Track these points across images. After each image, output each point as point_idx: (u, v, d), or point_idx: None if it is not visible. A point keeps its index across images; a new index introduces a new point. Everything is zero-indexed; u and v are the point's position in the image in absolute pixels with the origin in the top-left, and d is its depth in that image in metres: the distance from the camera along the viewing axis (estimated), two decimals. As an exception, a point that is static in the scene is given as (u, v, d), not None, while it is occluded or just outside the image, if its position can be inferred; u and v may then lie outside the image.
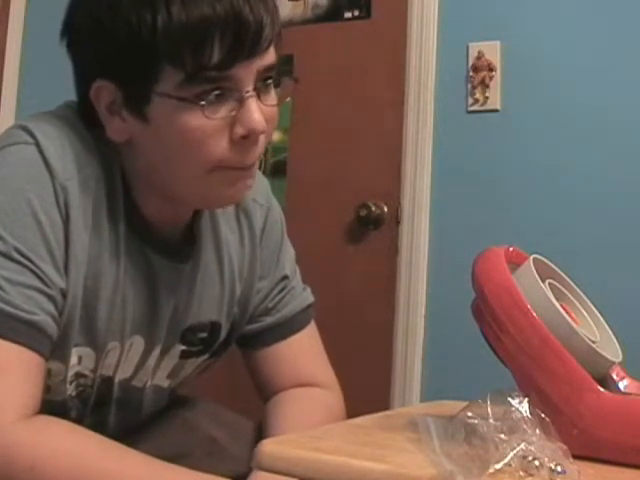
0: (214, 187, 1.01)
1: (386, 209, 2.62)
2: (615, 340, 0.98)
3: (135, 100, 0.97)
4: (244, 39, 0.95)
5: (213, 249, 1.15)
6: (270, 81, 1.01)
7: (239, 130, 0.97)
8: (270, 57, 0.99)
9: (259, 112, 0.97)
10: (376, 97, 2.66)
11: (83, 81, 1.01)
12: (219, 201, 1.08)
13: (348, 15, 2.75)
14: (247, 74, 0.97)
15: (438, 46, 2.57)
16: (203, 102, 0.95)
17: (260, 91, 0.99)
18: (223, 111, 0.96)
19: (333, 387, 1.26)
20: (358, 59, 2.71)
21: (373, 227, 2.63)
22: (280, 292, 1.24)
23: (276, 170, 2.77)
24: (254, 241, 1.21)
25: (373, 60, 2.68)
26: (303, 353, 1.25)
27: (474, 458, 0.74)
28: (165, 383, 1.18)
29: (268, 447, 0.85)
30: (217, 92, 0.95)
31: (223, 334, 1.20)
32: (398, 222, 2.59)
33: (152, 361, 1.13)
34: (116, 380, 1.11)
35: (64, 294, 0.97)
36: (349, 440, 0.92)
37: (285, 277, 1.25)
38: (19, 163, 0.97)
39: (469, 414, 0.80)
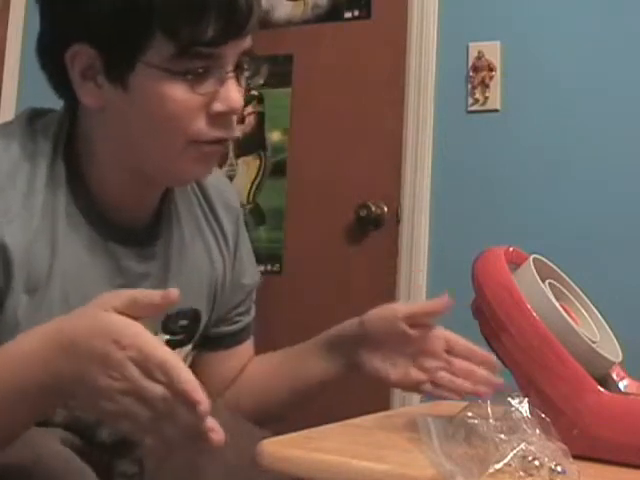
0: (185, 161, 1.01)
1: (386, 209, 2.62)
2: (615, 340, 0.98)
3: (117, 68, 0.97)
4: (238, 18, 0.97)
5: (180, 237, 1.15)
6: (246, 65, 1.02)
7: (218, 107, 0.99)
8: (250, 40, 1.02)
9: (238, 92, 1.00)
10: (376, 97, 2.66)
11: (57, 44, 0.99)
12: (185, 176, 1.07)
13: (348, 15, 2.75)
14: (232, 54, 0.99)
15: (438, 46, 2.57)
16: (190, 76, 0.96)
17: (237, 73, 1.01)
18: (206, 87, 0.98)
19: None
20: (358, 59, 2.70)
21: (373, 227, 2.63)
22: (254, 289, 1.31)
23: (276, 170, 2.77)
24: (228, 243, 1.22)
25: (373, 60, 2.68)
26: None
27: (474, 458, 0.74)
28: None
29: (268, 447, 0.85)
30: (203, 69, 0.97)
31: (203, 323, 1.20)
32: (398, 222, 2.59)
33: None
34: None
35: None
36: (349, 440, 0.92)
37: (259, 279, 1.32)
38: None
39: (469, 414, 0.80)
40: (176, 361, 0.77)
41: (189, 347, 1.19)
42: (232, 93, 0.99)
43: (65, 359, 0.80)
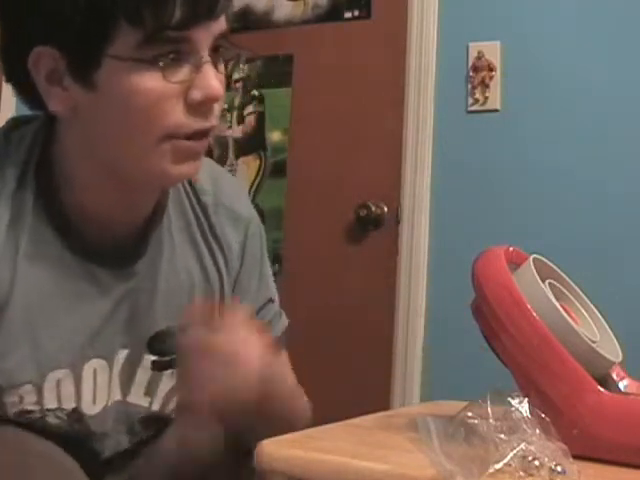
0: (164, 160, 0.96)
1: (386, 209, 2.62)
2: (615, 340, 0.98)
3: (82, 66, 0.92)
4: None
5: (171, 253, 1.10)
6: (222, 49, 0.98)
7: (196, 95, 0.94)
8: (223, 23, 0.96)
9: (216, 78, 0.95)
10: (376, 97, 2.66)
11: (19, 49, 0.94)
12: (169, 177, 1.00)
13: (348, 15, 2.75)
14: (205, 37, 0.94)
15: (438, 46, 2.57)
16: (161, 63, 0.91)
17: (214, 58, 0.96)
18: (180, 75, 0.93)
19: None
20: (358, 59, 2.70)
21: (373, 227, 2.63)
22: (267, 314, 1.21)
23: (276, 170, 2.77)
24: (228, 257, 1.15)
25: (373, 60, 2.68)
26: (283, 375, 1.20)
27: (474, 458, 0.74)
28: (145, 402, 1.10)
29: (268, 447, 0.85)
30: (174, 55, 0.92)
31: None
32: (398, 222, 2.59)
33: (115, 373, 1.07)
34: (86, 411, 1.04)
35: None
36: (349, 440, 0.92)
37: (271, 300, 1.22)
38: None
39: (469, 414, 0.80)
40: None
41: None
42: (211, 80, 0.94)
43: None
